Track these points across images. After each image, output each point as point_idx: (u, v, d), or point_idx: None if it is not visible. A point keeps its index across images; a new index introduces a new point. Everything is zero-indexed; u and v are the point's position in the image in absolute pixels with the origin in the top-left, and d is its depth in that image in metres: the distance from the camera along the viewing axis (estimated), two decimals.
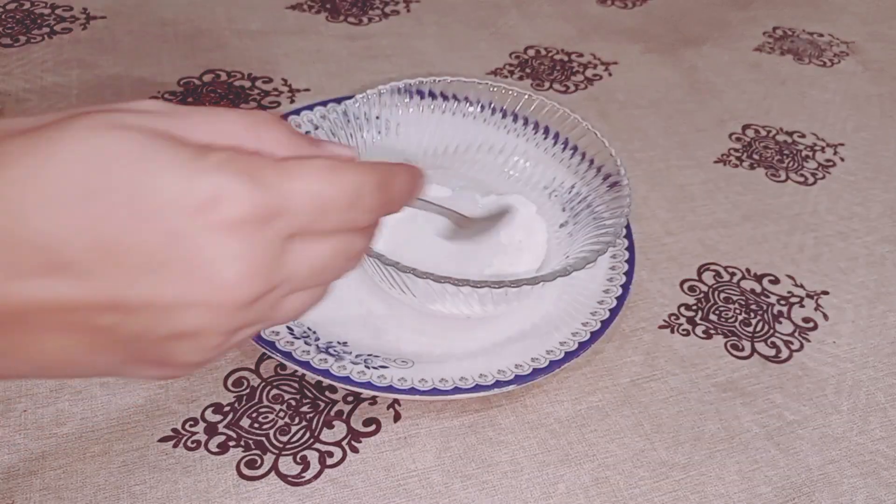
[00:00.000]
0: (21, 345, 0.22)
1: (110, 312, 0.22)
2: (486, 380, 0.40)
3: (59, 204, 0.21)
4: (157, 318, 0.22)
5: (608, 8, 0.80)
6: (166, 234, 0.21)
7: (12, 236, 0.20)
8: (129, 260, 0.21)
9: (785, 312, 0.49)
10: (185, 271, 0.22)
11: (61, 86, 0.61)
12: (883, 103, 0.70)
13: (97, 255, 0.21)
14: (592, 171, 0.48)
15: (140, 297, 0.22)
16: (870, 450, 0.42)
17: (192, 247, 0.22)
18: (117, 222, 0.21)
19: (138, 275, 0.22)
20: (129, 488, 0.36)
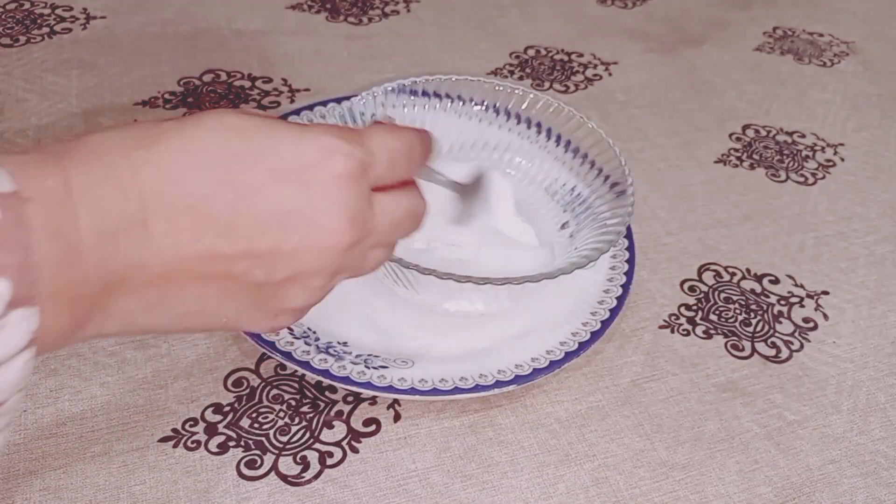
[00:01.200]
0: (172, 294, 0.26)
1: (245, 259, 0.26)
2: (486, 380, 0.40)
3: (208, 166, 0.25)
4: (281, 261, 0.27)
5: (608, 8, 0.80)
6: (292, 189, 0.26)
7: (167, 197, 0.24)
8: (262, 212, 0.26)
9: (785, 312, 0.49)
10: (306, 220, 0.27)
11: (61, 86, 0.61)
12: (883, 103, 0.70)
13: (237, 209, 0.25)
14: (594, 171, 0.48)
15: (270, 245, 0.26)
16: (870, 450, 0.42)
17: (312, 197, 0.26)
18: (252, 181, 0.26)
19: (270, 226, 0.26)
20: (129, 488, 0.36)
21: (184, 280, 0.26)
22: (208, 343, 0.43)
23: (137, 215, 0.24)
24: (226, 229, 0.26)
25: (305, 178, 0.27)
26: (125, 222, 0.24)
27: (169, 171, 0.25)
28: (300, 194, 0.26)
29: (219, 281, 0.27)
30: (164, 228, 0.25)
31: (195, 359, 0.42)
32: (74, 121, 0.57)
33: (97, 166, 0.24)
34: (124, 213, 0.24)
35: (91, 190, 0.23)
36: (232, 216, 0.26)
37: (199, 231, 0.25)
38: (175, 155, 0.25)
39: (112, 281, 0.24)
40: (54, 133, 0.56)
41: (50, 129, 0.56)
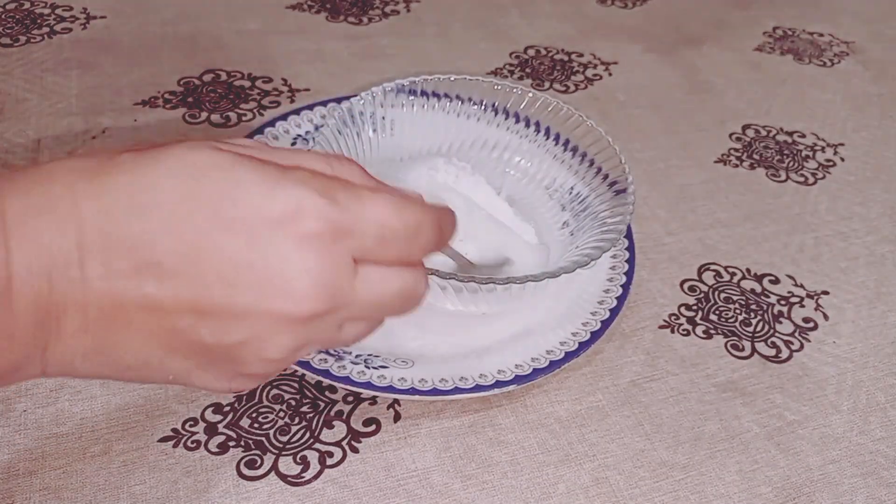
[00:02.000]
0: (110, 343, 0.24)
1: (189, 315, 0.23)
2: (486, 380, 0.40)
3: (152, 208, 0.23)
4: (230, 323, 0.24)
5: (608, 8, 0.80)
6: (246, 242, 0.23)
7: (107, 236, 0.22)
8: (210, 264, 0.23)
9: (785, 312, 0.49)
10: (259, 280, 0.23)
11: (61, 86, 0.61)
12: (883, 103, 0.70)
13: (182, 257, 0.23)
14: (594, 170, 0.48)
15: (217, 302, 0.23)
16: (870, 450, 0.42)
17: (268, 256, 0.23)
18: (202, 228, 0.23)
19: (217, 280, 0.23)
20: (128, 488, 0.36)
21: (122, 330, 0.23)
22: None
23: (73, 254, 0.22)
24: (166, 278, 0.23)
25: (263, 232, 0.23)
26: (60, 260, 0.22)
27: (110, 209, 0.22)
28: (255, 250, 0.23)
29: (162, 335, 0.24)
30: (100, 270, 0.22)
31: None
32: (74, 121, 0.57)
33: (37, 197, 0.22)
34: (60, 249, 0.22)
35: (26, 223, 0.22)
36: (174, 265, 0.23)
37: (138, 277, 0.23)
38: (120, 191, 0.23)
39: (46, 322, 0.22)
40: (54, 133, 0.56)
41: (50, 128, 0.56)
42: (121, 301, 0.23)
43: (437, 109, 0.50)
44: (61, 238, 0.22)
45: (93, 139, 0.56)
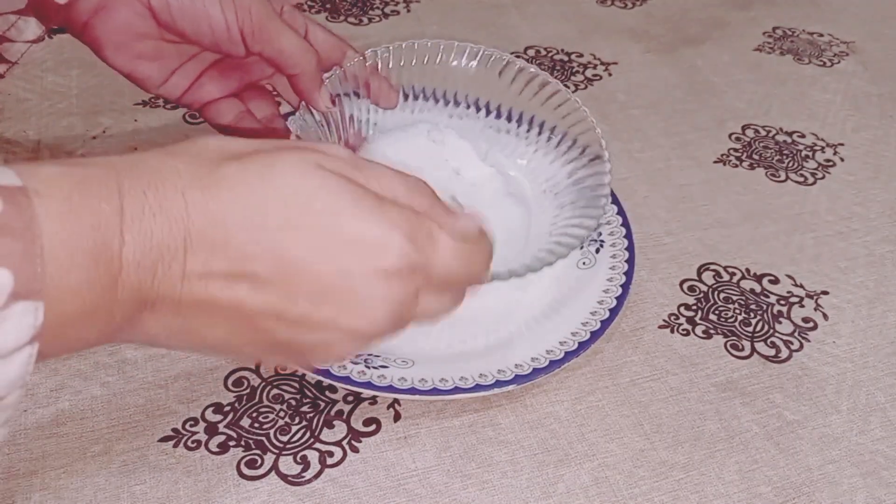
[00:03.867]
0: (196, 327, 0.27)
1: (272, 319, 0.27)
2: (486, 380, 0.40)
3: (259, 227, 0.26)
4: (307, 331, 0.27)
5: (608, 8, 0.80)
6: (337, 268, 0.26)
7: (211, 242, 0.25)
8: (301, 281, 0.26)
9: (785, 312, 0.49)
10: (342, 300, 0.27)
11: (61, 86, 0.61)
12: (883, 103, 0.70)
13: (278, 273, 0.26)
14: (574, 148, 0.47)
15: (301, 313, 0.27)
16: (870, 450, 0.42)
17: (354, 282, 0.27)
18: (300, 250, 0.26)
19: (306, 295, 0.26)
20: (129, 488, 0.36)
21: (209, 319, 0.27)
22: None
23: (179, 253, 0.25)
24: (259, 286, 0.26)
25: (353, 260, 0.27)
26: (167, 257, 0.25)
27: (218, 221, 0.25)
28: (343, 276, 0.27)
29: (244, 329, 0.27)
30: (200, 270, 0.25)
31: (195, 358, 0.42)
32: (74, 121, 0.57)
33: (152, 198, 0.24)
34: (168, 248, 0.24)
35: (141, 220, 0.24)
36: (269, 276, 0.26)
37: (233, 282, 0.26)
38: (228, 206, 0.25)
39: (143, 306, 0.25)
40: (54, 133, 0.56)
41: (50, 128, 0.56)
42: (214, 298, 0.26)
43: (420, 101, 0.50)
44: (171, 238, 0.24)
45: (93, 139, 0.56)
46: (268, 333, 0.27)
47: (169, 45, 0.42)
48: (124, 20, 0.39)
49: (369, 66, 0.46)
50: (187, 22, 0.39)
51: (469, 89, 0.50)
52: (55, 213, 0.22)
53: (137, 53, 0.41)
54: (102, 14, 0.39)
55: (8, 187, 0.21)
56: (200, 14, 0.39)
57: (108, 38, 0.40)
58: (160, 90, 0.43)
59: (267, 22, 0.39)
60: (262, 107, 0.46)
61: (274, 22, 0.40)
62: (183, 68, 0.43)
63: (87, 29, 0.40)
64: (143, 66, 0.42)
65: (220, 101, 0.45)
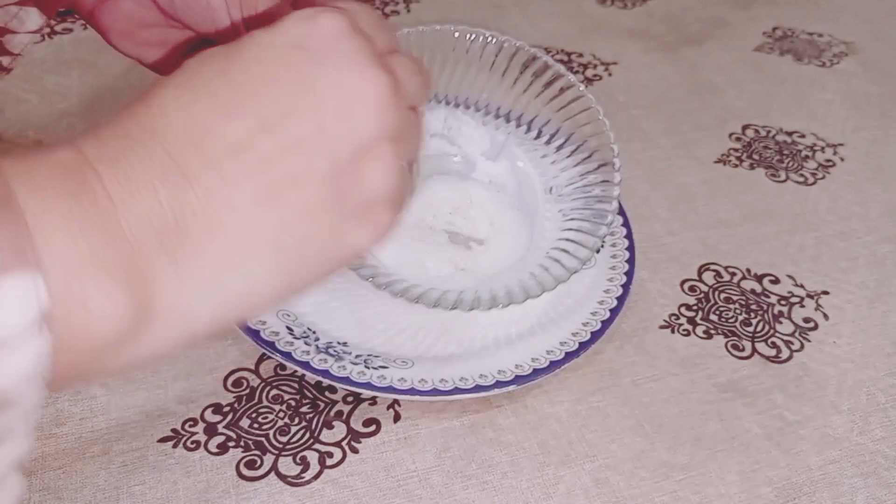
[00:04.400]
0: (242, 242, 0.24)
1: (297, 152, 0.25)
2: (486, 380, 0.40)
3: (209, 94, 0.24)
4: (335, 138, 0.25)
5: (608, 8, 0.80)
6: (297, 68, 0.25)
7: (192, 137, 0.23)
8: (283, 100, 0.25)
9: (785, 312, 0.49)
10: (330, 85, 0.25)
11: (61, 86, 0.61)
12: (883, 103, 0.69)
13: (261, 110, 0.24)
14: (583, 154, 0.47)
15: (312, 126, 0.25)
16: (870, 450, 0.42)
17: (320, 65, 0.26)
18: (256, 76, 0.25)
19: (298, 109, 0.25)
20: (128, 489, 0.36)
21: (250, 211, 0.24)
22: (208, 343, 0.43)
23: (167, 161, 0.23)
24: (260, 130, 0.24)
25: (305, 54, 0.25)
26: (156, 169, 0.22)
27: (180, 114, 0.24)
28: (308, 70, 0.25)
29: (289, 196, 0.25)
30: (198, 164, 0.23)
31: (195, 359, 0.42)
32: (74, 121, 0.57)
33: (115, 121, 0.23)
34: (151, 160, 0.22)
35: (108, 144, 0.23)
36: (260, 116, 0.24)
37: (236, 149, 0.24)
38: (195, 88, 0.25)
39: (167, 237, 0.22)
40: (55, 133, 0.56)
41: (50, 128, 0.56)
42: (234, 185, 0.24)
43: None
44: (146, 149, 0.23)
45: None
46: (309, 177, 0.25)
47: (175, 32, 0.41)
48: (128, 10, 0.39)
49: None
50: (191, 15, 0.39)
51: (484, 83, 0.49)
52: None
53: (144, 40, 0.41)
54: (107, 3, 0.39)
55: None
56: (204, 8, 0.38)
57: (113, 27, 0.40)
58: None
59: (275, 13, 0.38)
60: None
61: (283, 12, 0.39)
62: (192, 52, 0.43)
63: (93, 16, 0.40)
64: (151, 51, 0.42)
65: None
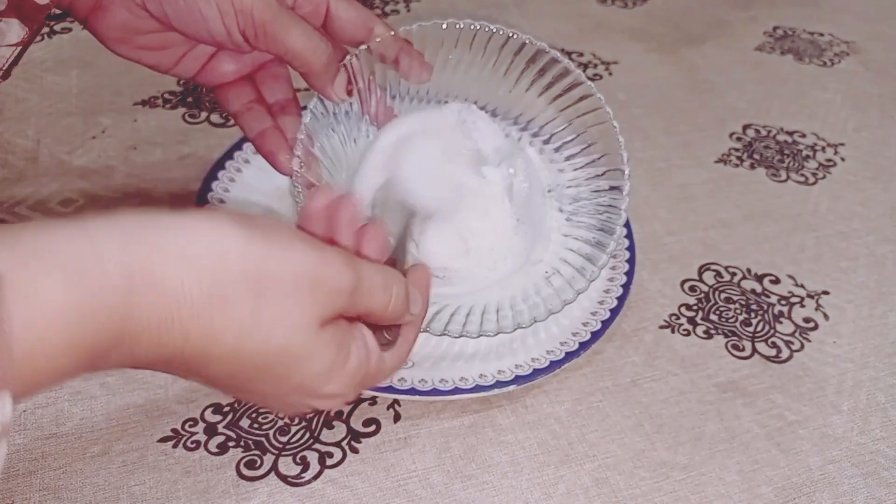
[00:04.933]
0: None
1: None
2: (486, 380, 0.40)
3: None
4: (310, 395, 0.30)
5: (609, 7, 0.80)
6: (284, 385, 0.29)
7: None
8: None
9: (785, 312, 0.49)
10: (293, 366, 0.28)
11: (61, 86, 0.61)
12: (883, 103, 0.69)
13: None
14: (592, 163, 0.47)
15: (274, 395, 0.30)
16: (870, 450, 0.41)
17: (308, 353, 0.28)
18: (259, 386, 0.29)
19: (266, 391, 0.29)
20: (128, 488, 0.36)
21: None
22: None
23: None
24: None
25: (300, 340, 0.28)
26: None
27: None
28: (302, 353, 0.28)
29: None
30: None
31: None
32: (74, 121, 0.57)
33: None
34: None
35: None
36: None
37: None
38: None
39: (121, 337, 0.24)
40: (54, 133, 0.56)
41: (50, 128, 0.56)
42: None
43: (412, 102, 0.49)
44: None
45: (93, 139, 0.56)
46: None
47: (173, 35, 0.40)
48: (122, 18, 0.39)
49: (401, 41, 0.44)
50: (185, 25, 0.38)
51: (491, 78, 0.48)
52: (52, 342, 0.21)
53: (141, 45, 0.40)
54: (99, 13, 0.39)
55: None
56: (198, 19, 0.37)
57: (108, 35, 0.40)
58: (172, 72, 0.42)
59: (271, 23, 0.37)
60: (275, 90, 0.44)
61: (278, 21, 0.38)
62: (190, 54, 0.42)
63: (87, 24, 0.40)
64: (149, 55, 0.41)
65: (231, 86, 0.43)
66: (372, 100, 0.45)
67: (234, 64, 0.43)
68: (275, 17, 0.38)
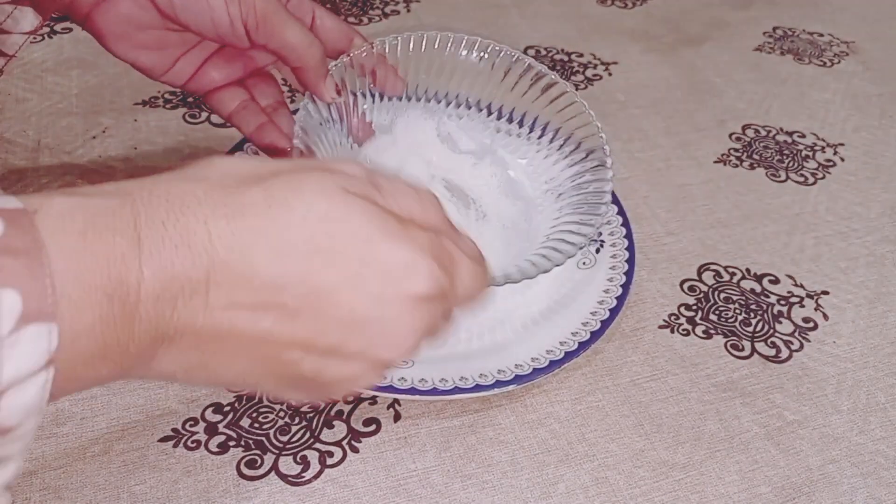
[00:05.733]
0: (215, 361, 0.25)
1: (298, 349, 0.26)
2: (486, 380, 0.40)
3: (287, 255, 0.24)
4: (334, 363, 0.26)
5: (608, 8, 0.80)
6: (369, 296, 0.26)
7: (237, 274, 0.24)
8: (332, 312, 0.25)
9: (785, 312, 0.49)
10: (373, 331, 0.26)
11: (61, 86, 0.61)
12: (883, 103, 0.70)
13: (307, 303, 0.25)
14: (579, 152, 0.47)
15: (330, 342, 0.26)
16: (870, 450, 0.42)
17: (386, 312, 0.26)
18: (330, 280, 0.25)
19: (336, 326, 0.26)
20: (129, 488, 0.36)
21: (230, 353, 0.25)
22: None
23: (201, 285, 0.23)
24: (287, 317, 0.25)
25: (384, 290, 0.26)
26: (188, 290, 0.23)
27: (244, 251, 0.24)
28: (375, 306, 0.26)
29: (266, 362, 0.26)
30: (224, 302, 0.24)
31: None
32: (74, 121, 0.57)
33: (172, 229, 0.23)
34: (189, 280, 0.23)
35: (161, 253, 0.23)
36: (297, 307, 0.25)
37: (260, 313, 0.25)
38: (255, 236, 0.24)
39: (161, 340, 0.24)
40: (55, 133, 0.56)
41: (50, 128, 0.56)
42: (238, 330, 0.25)
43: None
44: (193, 271, 0.23)
45: (93, 139, 0.56)
46: (292, 367, 0.26)
47: (172, 35, 0.41)
48: (126, 12, 0.39)
49: (377, 54, 0.46)
50: (190, 15, 0.39)
51: (473, 85, 0.50)
52: (69, 251, 0.21)
53: (140, 43, 0.41)
54: (104, 5, 0.39)
55: (9, 210, 0.21)
56: (203, 8, 0.38)
57: (109, 29, 0.40)
58: (164, 78, 0.43)
59: (271, 15, 0.39)
60: (266, 94, 0.46)
61: (278, 15, 0.39)
62: (186, 56, 0.43)
63: (88, 19, 0.40)
64: (146, 55, 0.42)
65: (224, 89, 0.44)
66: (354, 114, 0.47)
67: (225, 70, 0.44)
68: (275, 10, 0.39)
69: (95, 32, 0.41)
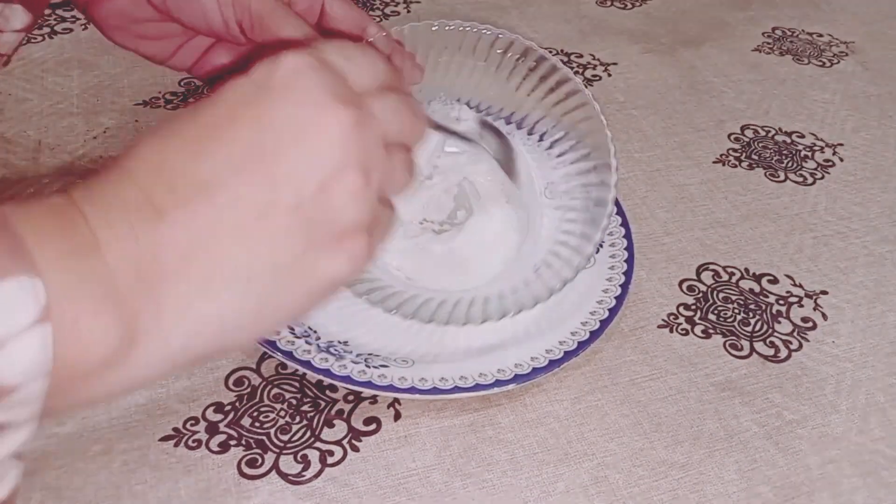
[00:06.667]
0: (213, 269, 0.25)
1: (260, 187, 0.25)
2: (486, 379, 0.40)
3: (177, 136, 0.26)
4: (298, 172, 0.26)
5: (607, 9, 0.80)
6: (256, 107, 0.26)
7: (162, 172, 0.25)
8: (243, 140, 0.25)
9: (784, 312, 0.49)
10: (287, 121, 0.26)
11: (61, 86, 0.61)
12: (882, 103, 0.70)
13: (224, 151, 0.25)
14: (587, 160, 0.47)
15: (271, 161, 0.25)
16: (869, 449, 0.42)
17: (274, 101, 0.26)
18: (223, 121, 0.26)
19: (257, 147, 0.25)
20: (129, 487, 0.36)
21: (220, 243, 0.25)
22: None
23: (139, 195, 0.24)
24: (224, 167, 0.25)
25: (265, 92, 0.26)
26: (132, 207, 0.24)
27: (157, 151, 0.25)
28: (267, 106, 0.26)
29: (256, 228, 0.25)
30: (168, 199, 0.24)
31: None
32: (75, 121, 0.57)
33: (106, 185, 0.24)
34: (124, 200, 0.24)
35: (91, 189, 0.24)
36: (223, 154, 0.25)
37: (204, 192, 0.25)
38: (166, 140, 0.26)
39: (143, 267, 0.23)
40: (55, 133, 0.56)
41: (50, 128, 0.56)
42: (203, 220, 0.24)
43: None
44: (124, 192, 0.24)
45: (94, 139, 0.56)
46: (276, 210, 0.25)
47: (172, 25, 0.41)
48: (121, 6, 0.39)
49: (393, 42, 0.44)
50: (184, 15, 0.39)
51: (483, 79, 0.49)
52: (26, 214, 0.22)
53: (139, 34, 0.41)
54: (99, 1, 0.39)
55: None
56: (196, 10, 0.38)
57: (106, 21, 0.40)
58: (168, 64, 0.43)
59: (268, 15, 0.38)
60: None
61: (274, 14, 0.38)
62: (189, 44, 0.42)
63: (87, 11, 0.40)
64: (147, 44, 0.41)
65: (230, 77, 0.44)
66: None
67: (230, 57, 0.43)
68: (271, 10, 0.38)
69: (95, 23, 0.41)
